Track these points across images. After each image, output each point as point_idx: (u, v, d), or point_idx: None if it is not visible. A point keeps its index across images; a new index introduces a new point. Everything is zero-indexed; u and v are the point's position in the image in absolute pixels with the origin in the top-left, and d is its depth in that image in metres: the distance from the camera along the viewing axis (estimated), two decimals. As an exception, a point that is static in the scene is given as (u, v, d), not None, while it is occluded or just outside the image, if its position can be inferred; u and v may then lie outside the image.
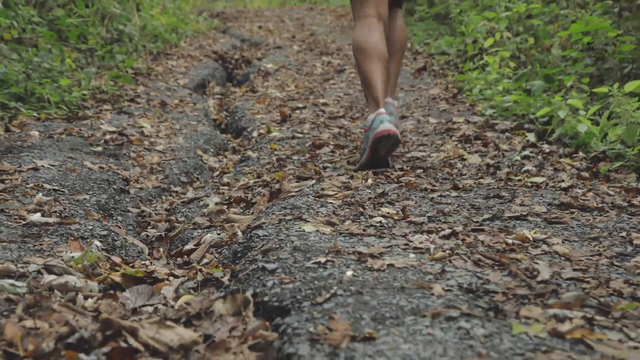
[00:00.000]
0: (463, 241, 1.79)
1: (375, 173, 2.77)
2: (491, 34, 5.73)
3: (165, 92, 5.39)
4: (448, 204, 2.27)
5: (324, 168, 2.96)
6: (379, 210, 2.17)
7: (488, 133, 3.68)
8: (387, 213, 2.13)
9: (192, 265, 1.94)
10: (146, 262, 1.97)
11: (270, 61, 7.13)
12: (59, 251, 1.80)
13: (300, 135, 3.85)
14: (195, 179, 3.40)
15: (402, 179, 2.67)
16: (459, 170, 2.85)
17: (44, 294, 1.43)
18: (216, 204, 2.68)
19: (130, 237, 2.31)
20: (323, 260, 1.60)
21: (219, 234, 2.24)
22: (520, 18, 5.73)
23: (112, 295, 1.52)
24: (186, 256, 2.13)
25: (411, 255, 1.67)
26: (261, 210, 2.37)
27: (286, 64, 6.95)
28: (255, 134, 4.11)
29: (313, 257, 1.63)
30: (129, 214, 2.64)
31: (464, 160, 3.06)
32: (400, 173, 2.78)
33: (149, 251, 2.30)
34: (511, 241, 1.77)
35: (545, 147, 3.28)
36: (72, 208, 2.30)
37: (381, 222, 2.02)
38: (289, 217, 2.07)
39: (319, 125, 4.16)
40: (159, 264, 2.05)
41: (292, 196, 2.40)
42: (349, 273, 1.51)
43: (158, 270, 1.78)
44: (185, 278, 1.76)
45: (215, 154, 4.01)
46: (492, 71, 5.06)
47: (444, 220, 2.06)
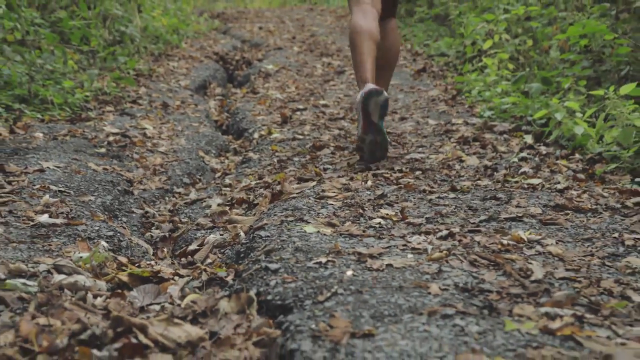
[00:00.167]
0: (460, 242, 1.85)
1: (375, 175, 2.83)
2: (490, 36, 5.78)
3: (167, 94, 5.44)
4: (446, 205, 2.32)
5: (324, 170, 3.01)
6: (378, 211, 2.23)
7: (486, 135, 3.73)
8: (386, 214, 2.18)
9: (196, 265, 1.99)
10: (151, 262, 2.03)
11: (271, 62, 7.18)
12: (67, 251, 1.85)
13: (301, 137, 3.90)
14: (198, 180, 3.45)
15: (401, 180, 2.72)
16: (457, 172, 2.90)
17: (55, 292, 1.48)
18: (219, 205, 2.73)
19: (135, 237, 2.36)
20: (324, 260, 1.65)
21: (222, 235, 2.29)
22: (519, 20, 5.78)
23: (120, 294, 1.57)
24: (190, 256, 2.18)
25: (409, 255, 1.73)
26: (263, 211, 2.42)
27: (287, 65, 7.00)
28: (256, 135, 4.16)
29: (314, 258, 1.68)
30: (133, 215, 2.69)
31: (462, 161, 3.11)
32: (399, 175, 2.84)
33: (153, 251, 2.36)
34: (506, 242, 1.83)
35: (542, 148, 3.33)
36: (78, 209, 2.36)
37: (380, 224, 2.07)
38: (290, 218, 2.13)
39: (319, 126, 4.21)
40: (164, 264, 2.10)
41: (294, 198, 2.45)
42: (349, 273, 1.56)
43: (163, 270, 1.84)
44: (190, 278, 1.81)
45: (216, 155, 4.06)
46: (490, 73, 5.11)
47: (441, 221, 2.11)
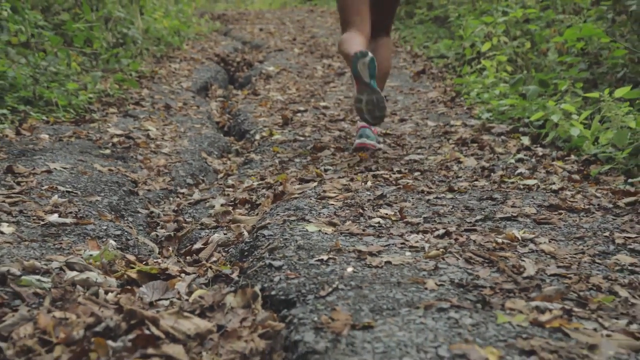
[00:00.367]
0: (456, 240, 1.92)
1: (375, 176, 2.90)
2: (488, 38, 5.85)
3: (169, 95, 5.51)
4: (443, 205, 2.39)
5: (325, 171, 3.08)
6: (378, 211, 2.30)
7: (484, 136, 3.80)
8: (386, 214, 2.25)
9: (201, 263, 2.06)
10: (158, 260, 2.10)
11: (272, 64, 7.25)
12: (77, 249, 1.92)
13: (302, 138, 3.97)
14: (201, 181, 3.52)
15: (400, 181, 2.79)
16: (455, 173, 2.97)
17: (68, 288, 1.55)
18: (222, 205, 2.80)
19: (141, 236, 2.43)
20: (325, 257, 1.73)
21: (225, 234, 2.36)
22: (517, 22, 5.85)
23: (130, 290, 1.64)
24: (195, 255, 2.25)
25: (407, 253, 1.80)
26: (266, 211, 2.49)
27: (287, 67, 7.07)
28: (257, 136, 4.23)
29: (316, 255, 1.76)
30: (139, 215, 2.76)
31: (460, 163, 3.18)
32: (398, 176, 2.91)
33: (159, 250, 2.42)
34: (501, 240, 1.90)
35: (539, 150, 3.40)
36: (86, 209, 2.43)
37: (380, 223, 2.14)
38: (292, 218, 2.20)
39: (320, 128, 4.28)
40: (170, 262, 2.17)
41: (295, 198, 2.52)
42: (350, 269, 1.63)
43: (170, 267, 1.90)
44: (196, 275, 1.88)
45: (219, 156, 4.13)
46: (489, 75, 5.19)
47: (438, 221, 2.18)
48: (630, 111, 3.28)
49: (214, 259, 2.16)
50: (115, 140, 3.74)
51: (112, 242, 2.04)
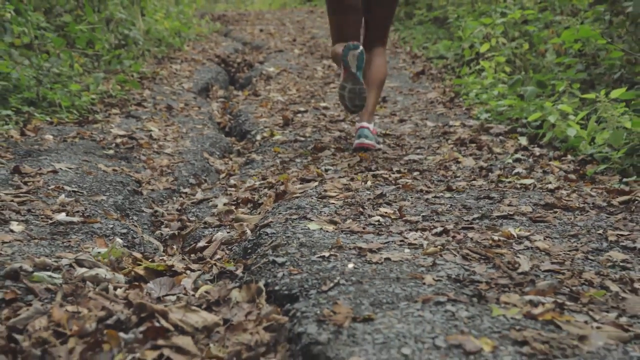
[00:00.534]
0: (453, 238, 1.97)
1: (375, 175, 2.95)
2: (487, 39, 5.90)
3: (171, 96, 5.56)
4: (441, 204, 2.45)
5: (325, 170, 3.13)
6: (378, 210, 2.35)
7: (483, 136, 3.85)
8: (385, 213, 2.31)
9: (206, 261, 2.11)
10: (164, 258, 2.15)
11: (272, 65, 7.30)
12: (85, 247, 1.98)
13: (303, 139, 4.02)
14: (203, 181, 3.57)
15: (399, 181, 2.84)
16: (453, 173, 3.03)
17: (79, 284, 1.60)
18: (224, 204, 2.85)
19: (146, 235, 2.49)
20: (327, 254, 1.78)
21: (228, 232, 2.42)
22: (516, 24, 5.91)
23: (138, 286, 1.70)
24: (199, 253, 2.30)
25: (406, 250, 1.85)
26: (268, 210, 2.54)
27: (287, 68, 7.13)
28: (258, 137, 4.28)
29: (318, 252, 1.81)
30: (143, 214, 2.81)
31: (458, 162, 3.23)
32: (397, 175, 2.96)
33: (163, 248, 2.48)
34: (497, 238, 1.95)
35: (536, 150, 3.45)
36: (92, 208, 2.48)
37: (379, 221, 2.20)
38: (294, 217, 2.25)
39: (320, 128, 4.33)
40: (175, 259, 2.22)
41: (297, 197, 2.57)
42: (350, 265, 1.69)
43: (176, 264, 1.96)
44: (201, 272, 1.94)
45: (220, 156, 4.18)
46: (488, 76, 5.24)
47: (437, 219, 2.24)
48: (625, 112, 3.34)
49: (217, 256, 2.21)
50: (119, 140, 3.80)
51: (119, 240, 2.10)
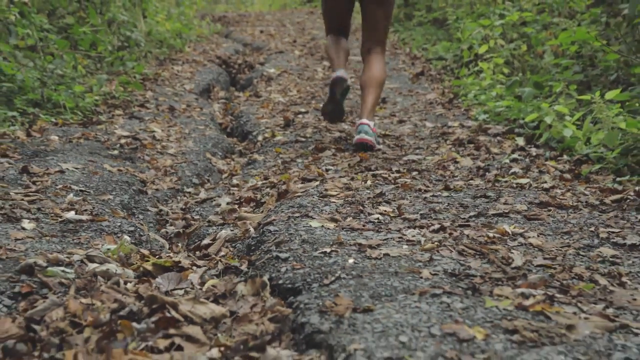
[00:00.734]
0: (450, 235, 2.05)
1: (374, 175, 3.02)
2: (486, 40, 5.97)
3: (173, 97, 5.63)
4: (439, 203, 2.52)
5: (326, 170, 3.20)
6: (377, 208, 2.43)
7: (481, 137, 3.92)
8: (384, 211, 2.38)
9: (211, 257, 2.18)
10: (170, 255, 2.22)
11: (273, 66, 7.37)
12: (95, 244, 2.05)
13: (303, 139, 4.10)
14: (206, 181, 3.64)
15: (398, 180, 2.92)
16: (451, 173, 3.10)
17: (91, 279, 1.68)
18: (228, 203, 2.92)
19: (152, 233, 2.56)
20: (328, 250, 1.86)
21: (232, 230, 2.49)
22: (514, 25, 5.98)
23: (146, 280, 1.77)
24: (204, 250, 2.37)
25: (404, 246, 1.93)
26: (270, 209, 2.61)
27: (288, 69, 7.20)
28: (260, 137, 4.35)
29: (320, 248, 1.89)
30: (149, 213, 2.88)
31: (456, 163, 3.30)
32: (397, 175, 3.03)
33: (169, 246, 2.55)
34: (492, 235, 2.03)
35: (533, 150, 3.52)
36: (100, 207, 2.55)
37: (379, 219, 2.28)
38: (296, 215, 2.32)
39: (320, 129, 4.40)
40: (181, 256, 2.29)
41: (299, 196, 2.65)
42: (351, 261, 1.76)
43: (183, 260, 2.03)
44: (207, 267, 2.01)
45: (223, 157, 4.25)
46: (486, 77, 5.31)
47: (434, 217, 2.31)
48: (620, 113, 3.41)
49: (222, 253, 2.28)
50: (123, 141, 3.87)
51: (126, 237, 2.17)
